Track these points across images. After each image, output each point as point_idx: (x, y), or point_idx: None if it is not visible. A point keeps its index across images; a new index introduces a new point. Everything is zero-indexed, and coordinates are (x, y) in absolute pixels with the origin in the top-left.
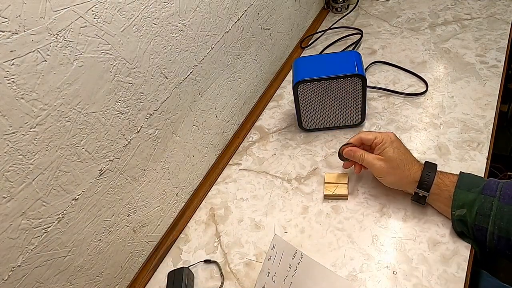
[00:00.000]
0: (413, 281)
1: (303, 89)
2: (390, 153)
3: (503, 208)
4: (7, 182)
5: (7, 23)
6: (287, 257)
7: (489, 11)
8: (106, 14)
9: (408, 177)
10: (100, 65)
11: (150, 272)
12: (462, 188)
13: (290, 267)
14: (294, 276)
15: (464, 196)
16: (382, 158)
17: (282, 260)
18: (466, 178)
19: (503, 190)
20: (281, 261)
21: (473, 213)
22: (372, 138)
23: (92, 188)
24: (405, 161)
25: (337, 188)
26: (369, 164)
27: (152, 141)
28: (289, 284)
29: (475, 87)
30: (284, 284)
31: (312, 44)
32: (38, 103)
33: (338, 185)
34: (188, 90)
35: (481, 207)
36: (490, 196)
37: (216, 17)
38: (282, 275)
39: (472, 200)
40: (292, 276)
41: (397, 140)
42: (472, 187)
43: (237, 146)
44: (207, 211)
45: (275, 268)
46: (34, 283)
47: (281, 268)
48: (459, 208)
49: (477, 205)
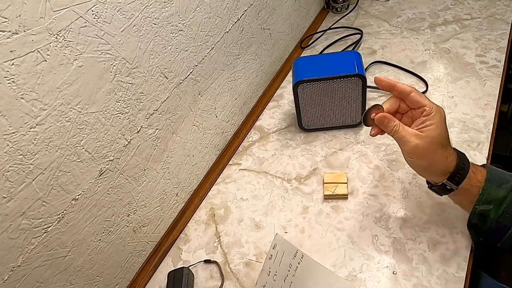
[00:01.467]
0: (413, 281)
1: (303, 89)
2: (436, 132)
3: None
4: (7, 182)
5: (7, 23)
6: (288, 256)
7: (489, 11)
8: (106, 14)
9: (442, 165)
10: (100, 65)
11: (150, 272)
12: (493, 182)
13: (290, 267)
14: (294, 276)
15: (495, 192)
16: (423, 136)
17: (283, 260)
18: (495, 172)
19: None
20: (282, 261)
21: (499, 211)
22: (423, 103)
23: (92, 188)
24: (445, 146)
25: (337, 188)
26: (403, 141)
27: (152, 141)
28: (290, 283)
29: (475, 87)
30: (284, 283)
31: (312, 44)
32: (38, 103)
33: (338, 185)
34: (188, 90)
35: (510, 205)
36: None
37: (216, 17)
38: (283, 275)
39: (502, 197)
40: (292, 276)
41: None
42: (503, 182)
43: (237, 146)
44: (207, 211)
45: (276, 268)
46: (34, 283)
47: (282, 267)
48: (485, 204)
49: (506, 202)
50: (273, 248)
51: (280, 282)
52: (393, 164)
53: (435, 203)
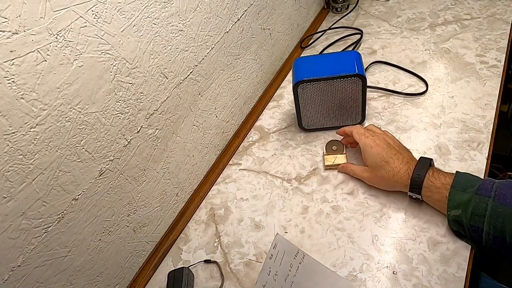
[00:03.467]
0: (413, 281)
1: (303, 89)
2: (371, 161)
3: (498, 208)
4: (7, 182)
5: (7, 23)
6: (289, 256)
7: (489, 11)
8: (106, 14)
9: (396, 180)
10: (100, 65)
11: (150, 272)
12: (458, 188)
13: (291, 267)
14: (295, 275)
15: (460, 197)
16: (366, 169)
17: (283, 259)
18: (462, 178)
19: (498, 190)
20: (283, 260)
21: (468, 214)
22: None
23: (92, 188)
24: (388, 166)
25: (336, 158)
26: (360, 175)
27: (152, 141)
28: (290, 283)
29: (475, 87)
30: (285, 283)
31: (312, 44)
32: (38, 103)
33: (337, 155)
34: (188, 90)
35: (476, 208)
36: (485, 196)
37: (216, 17)
38: (283, 274)
39: (467, 201)
40: (293, 276)
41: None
42: (468, 187)
43: (237, 146)
44: (207, 211)
45: (277, 267)
46: (34, 283)
47: (283, 267)
48: (454, 209)
49: (472, 205)
50: (273, 248)
51: (281, 282)
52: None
53: None
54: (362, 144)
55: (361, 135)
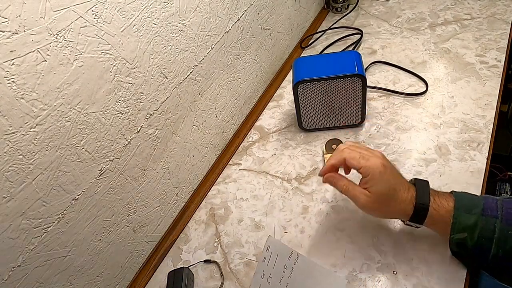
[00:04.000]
0: (413, 281)
1: (303, 89)
2: (379, 188)
3: (507, 231)
4: (7, 182)
5: (7, 23)
6: (283, 258)
7: (489, 11)
8: (106, 14)
9: (398, 212)
10: (100, 65)
11: (150, 272)
12: (462, 210)
13: (286, 268)
14: (290, 277)
15: (466, 219)
16: (370, 194)
17: (277, 261)
18: (464, 199)
19: (504, 209)
20: (276, 262)
21: (475, 237)
22: (357, 166)
23: (92, 188)
24: (395, 195)
25: None
26: (354, 199)
27: (152, 141)
28: (286, 285)
29: (475, 87)
30: (280, 285)
31: (312, 44)
32: (38, 103)
33: None
34: (188, 90)
35: (483, 230)
36: (491, 217)
37: (216, 17)
38: (278, 276)
39: (473, 224)
40: (288, 277)
41: (385, 169)
42: (472, 208)
43: (237, 146)
44: (207, 211)
45: (270, 270)
46: (34, 283)
47: (276, 269)
48: (460, 232)
49: (479, 228)
50: (266, 250)
51: (276, 284)
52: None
53: None
54: (366, 169)
55: (359, 159)
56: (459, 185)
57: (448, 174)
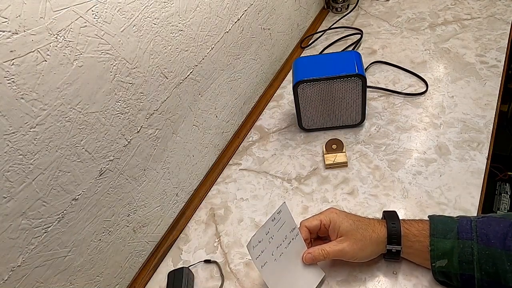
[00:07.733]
0: (413, 281)
1: (303, 89)
2: (346, 226)
3: (485, 251)
4: (7, 182)
5: (7, 23)
6: (287, 228)
7: (489, 11)
8: (106, 14)
9: (377, 238)
10: (100, 65)
11: (150, 272)
12: (438, 236)
13: (285, 239)
14: (286, 248)
15: (443, 245)
16: (344, 238)
17: (282, 228)
18: (439, 223)
19: (478, 230)
20: (281, 229)
21: (455, 262)
22: (317, 223)
23: (92, 188)
24: (364, 225)
25: (337, 157)
26: (337, 253)
27: (152, 141)
28: (280, 254)
29: (475, 87)
30: (276, 250)
31: (312, 44)
32: (38, 103)
33: (337, 154)
34: (188, 90)
35: (462, 254)
36: (467, 239)
37: (216, 17)
38: (277, 242)
39: (450, 248)
40: (284, 248)
41: (340, 211)
42: (447, 232)
43: (237, 146)
44: (207, 211)
45: (274, 232)
46: (34, 283)
47: (279, 235)
48: (439, 259)
49: (456, 252)
50: (277, 213)
51: (273, 248)
52: (393, 164)
53: (435, 203)
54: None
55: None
56: (459, 185)
57: (448, 174)
